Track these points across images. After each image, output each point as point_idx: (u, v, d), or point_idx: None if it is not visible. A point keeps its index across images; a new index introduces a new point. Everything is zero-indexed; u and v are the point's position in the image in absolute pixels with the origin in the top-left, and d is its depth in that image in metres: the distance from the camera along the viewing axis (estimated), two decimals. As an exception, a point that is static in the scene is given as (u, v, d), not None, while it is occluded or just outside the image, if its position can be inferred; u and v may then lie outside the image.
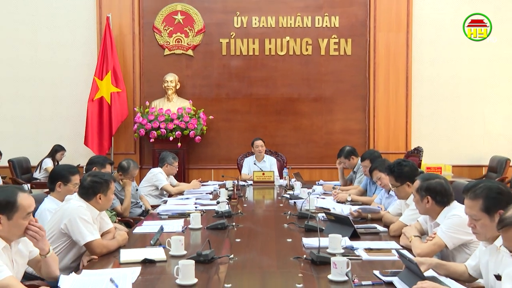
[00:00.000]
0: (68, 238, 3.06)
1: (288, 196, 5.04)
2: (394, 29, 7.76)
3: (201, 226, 3.68)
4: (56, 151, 7.61)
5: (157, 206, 4.81)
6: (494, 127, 7.91)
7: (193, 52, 7.99)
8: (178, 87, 7.84)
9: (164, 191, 5.65)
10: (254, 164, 6.67)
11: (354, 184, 5.73)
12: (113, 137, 7.69)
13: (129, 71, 7.89)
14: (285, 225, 3.76)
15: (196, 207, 4.51)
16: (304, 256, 2.80)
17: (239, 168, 7.00)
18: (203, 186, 5.94)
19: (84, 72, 7.80)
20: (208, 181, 6.57)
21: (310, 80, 7.97)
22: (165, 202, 4.98)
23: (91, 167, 4.50)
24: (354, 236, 3.28)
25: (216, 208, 4.14)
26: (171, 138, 7.42)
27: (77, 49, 7.89)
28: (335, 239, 2.94)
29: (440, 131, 7.89)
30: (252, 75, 7.99)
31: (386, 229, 3.57)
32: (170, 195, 5.54)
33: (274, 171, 6.32)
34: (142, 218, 4.47)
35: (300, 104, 7.99)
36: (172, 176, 6.00)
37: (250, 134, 7.44)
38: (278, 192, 5.61)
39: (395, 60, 7.77)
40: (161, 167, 5.80)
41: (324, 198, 5.01)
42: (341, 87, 7.94)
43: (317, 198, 4.77)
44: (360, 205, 4.33)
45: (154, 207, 4.91)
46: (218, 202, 4.26)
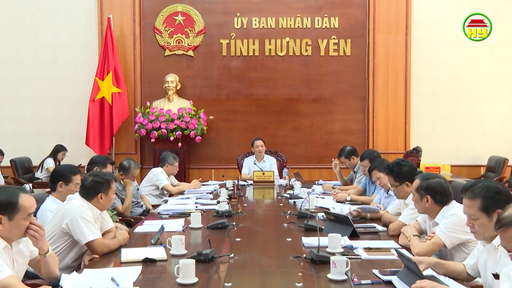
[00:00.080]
0: (70, 238, 3.07)
1: (288, 196, 5.05)
2: (393, 30, 7.77)
3: (202, 226, 3.69)
4: (58, 151, 7.62)
5: (158, 206, 4.81)
6: (493, 127, 7.92)
7: (194, 53, 8.01)
8: (179, 88, 7.86)
9: (165, 191, 5.66)
10: (254, 164, 6.68)
11: (354, 184, 5.73)
12: (114, 137, 7.72)
13: (130, 72, 7.91)
14: (285, 225, 3.76)
15: (197, 207, 4.52)
16: (304, 256, 2.81)
17: (239, 168, 7.02)
18: (204, 186, 5.95)
19: (85, 73, 7.82)
20: (209, 181, 6.59)
21: (310, 81, 7.98)
22: (166, 202, 4.99)
23: (92, 167, 4.52)
24: (354, 236, 3.29)
25: (217, 208, 4.15)
26: (172, 138, 7.43)
27: (78, 50, 7.91)
28: (335, 239, 2.95)
29: (439, 131, 7.90)
30: (252, 76, 8.00)
31: (385, 229, 3.57)
32: (171, 195, 5.55)
33: (274, 171, 6.33)
34: (143, 218, 4.47)
35: (300, 105, 8.00)
36: (173, 176, 6.00)
37: (250, 134, 7.46)
38: (278, 192, 5.61)
39: (394, 61, 7.79)
40: (162, 167, 5.81)
41: (324, 198, 5.00)
42: (341, 88, 7.96)
43: (317, 198, 4.77)
44: (360, 205, 4.33)
45: (155, 207, 4.91)
46: (219, 202, 4.27)
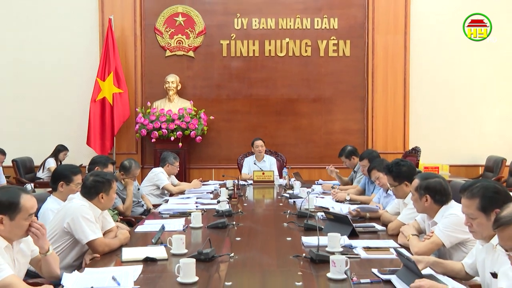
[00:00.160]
0: (71, 237, 3.09)
1: (288, 196, 5.06)
2: (392, 31, 7.79)
3: (202, 225, 3.70)
4: (59, 151, 7.63)
5: (159, 205, 4.82)
6: (491, 128, 7.93)
7: (194, 54, 8.02)
8: (179, 88, 7.87)
9: (165, 191, 5.67)
10: (254, 164, 6.69)
11: (354, 184, 5.73)
12: (115, 137, 7.73)
13: (131, 72, 7.92)
14: (285, 224, 3.78)
15: (197, 206, 4.53)
16: (304, 255, 2.82)
17: (239, 168, 7.03)
18: (204, 186, 5.97)
19: (87, 73, 7.82)
20: (209, 181, 6.61)
21: (310, 81, 7.99)
22: (166, 201, 4.99)
23: (94, 167, 4.53)
24: (353, 235, 3.29)
25: (217, 207, 4.16)
26: (172, 138, 7.45)
27: (80, 51, 7.92)
28: (334, 238, 2.96)
29: (438, 131, 7.91)
30: (252, 76, 8.02)
31: (384, 228, 3.58)
32: (171, 195, 5.56)
33: (274, 171, 6.34)
34: (144, 217, 4.49)
35: (300, 105, 8.01)
36: (173, 176, 6.02)
37: (250, 134, 7.46)
38: (278, 192, 5.62)
39: (393, 62, 7.80)
40: (163, 167, 5.82)
41: (323, 198, 5.01)
42: (340, 88, 7.97)
43: (316, 198, 4.77)
44: (359, 204, 4.35)
45: (156, 206, 4.91)
46: (219, 201, 4.28)
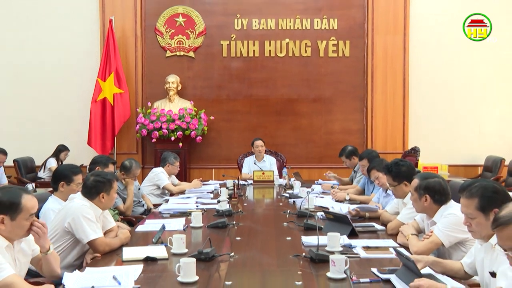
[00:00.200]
0: (72, 237, 3.10)
1: (288, 195, 5.07)
2: (392, 32, 7.80)
3: (202, 225, 3.71)
4: (60, 151, 7.65)
5: (159, 205, 4.82)
6: (490, 128, 7.94)
7: (194, 54, 8.04)
8: (180, 88, 7.88)
9: (166, 190, 5.68)
10: (254, 164, 6.70)
11: (354, 184, 5.74)
12: (116, 137, 7.74)
13: (132, 73, 7.94)
14: (285, 224, 3.78)
15: (197, 206, 4.55)
16: (303, 254, 2.83)
17: (240, 168, 7.04)
18: (204, 185, 5.98)
19: (88, 74, 7.83)
20: (209, 181, 6.62)
21: (309, 81, 8.00)
22: (167, 201, 5.00)
23: (94, 167, 4.55)
24: (352, 235, 3.30)
25: (217, 207, 4.17)
26: (173, 138, 7.46)
27: (81, 51, 7.93)
28: (334, 238, 2.97)
29: (437, 132, 7.91)
30: (252, 77, 8.03)
31: (384, 228, 3.59)
32: (172, 194, 5.57)
33: (274, 171, 6.35)
34: (144, 217, 4.50)
35: (300, 105, 8.02)
36: (174, 176, 6.03)
37: (250, 134, 7.47)
38: (278, 191, 5.63)
39: (393, 62, 7.81)
40: (163, 167, 5.83)
41: (323, 197, 5.02)
42: (340, 88, 7.98)
43: (316, 197, 4.79)
44: (358, 204, 4.36)
45: (156, 206, 4.92)
46: (219, 201, 4.29)
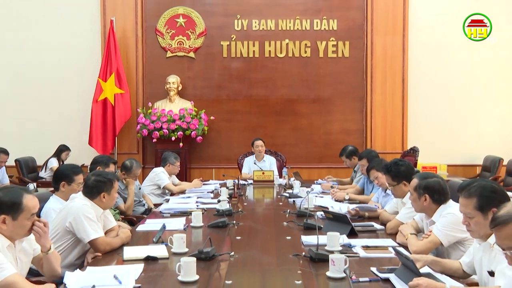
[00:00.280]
0: (73, 236, 3.11)
1: (288, 195, 5.08)
2: (391, 32, 7.81)
3: (203, 224, 3.72)
4: (61, 151, 7.67)
5: (160, 205, 4.83)
6: (488, 128, 7.95)
7: (195, 54, 8.05)
8: (180, 89, 7.90)
9: (166, 190, 5.69)
10: (254, 164, 6.70)
11: (353, 183, 5.76)
12: (117, 137, 7.76)
13: (132, 73, 7.95)
14: (285, 223, 3.79)
15: (198, 206, 4.55)
16: (303, 254, 2.84)
17: (240, 168, 7.05)
18: (204, 185, 5.98)
19: (89, 74, 7.84)
20: (209, 180, 6.61)
21: (309, 82, 8.02)
22: (167, 201, 5.01)
23: (95, 167, 4.56)
24: (352, 234, 3.31)
25: (217, 207, 4.19)
26: (173, 138, 7.47)
27: (82, 52, 7.95)
28: (333, 237, 2.98)
29: (436, 132, 7.93)
30: (252, 77, 8.04)
31: (383, 227, 3.60)
32: (172, 194, 5.58)
33: (274, 171, 6.35)
34: (145, 216, 4.51)
35: (299, 105, 8.04)
36: (174, 176, 6.04)
37: (250, 134, 7.48)
38: (278, 191, 5.64)
39: (392, 62, 7.83)
40: (163, 167, 5.84)
41: (323, 197, 5.03)
42: (339, 89, 7.99)
43: (316, 197, 4.80)
44: (358, 204, 4.38)
45: (157, 206, 4.92)
46: (219, 201, 4.30)
